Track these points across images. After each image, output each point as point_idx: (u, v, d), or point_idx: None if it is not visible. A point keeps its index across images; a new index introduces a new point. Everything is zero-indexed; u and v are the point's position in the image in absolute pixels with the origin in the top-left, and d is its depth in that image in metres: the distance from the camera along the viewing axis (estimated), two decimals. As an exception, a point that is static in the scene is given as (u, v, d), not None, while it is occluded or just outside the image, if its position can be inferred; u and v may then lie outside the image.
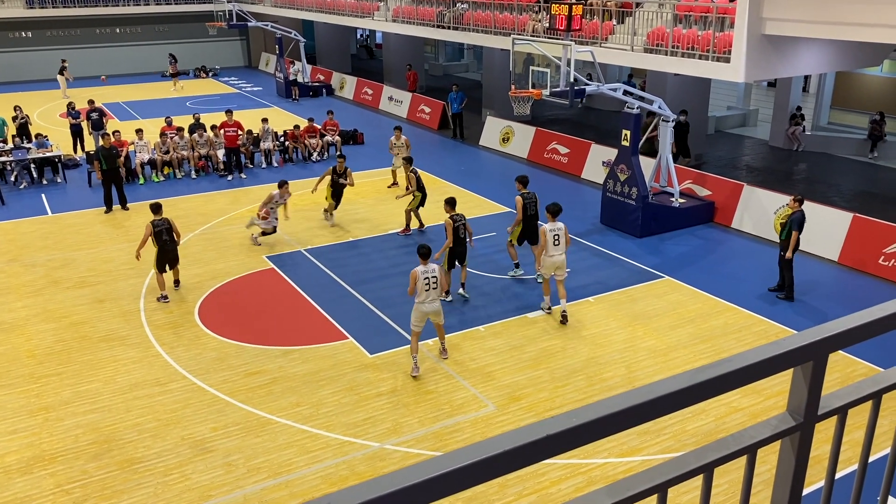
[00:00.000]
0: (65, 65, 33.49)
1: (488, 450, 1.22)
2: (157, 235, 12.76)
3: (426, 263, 10.25)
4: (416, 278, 10.17)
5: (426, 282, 10.18)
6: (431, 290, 10.25)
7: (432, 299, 10.31)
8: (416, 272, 10.20)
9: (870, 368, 10.33)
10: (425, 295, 10.24)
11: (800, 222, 12.43)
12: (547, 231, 11.85)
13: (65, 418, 9.59)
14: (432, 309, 10.36)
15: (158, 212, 13.06)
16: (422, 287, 10.18)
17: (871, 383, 1.75)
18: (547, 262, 11.96)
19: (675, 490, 1.50)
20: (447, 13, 25.37)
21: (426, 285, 10.19)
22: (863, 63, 17.64)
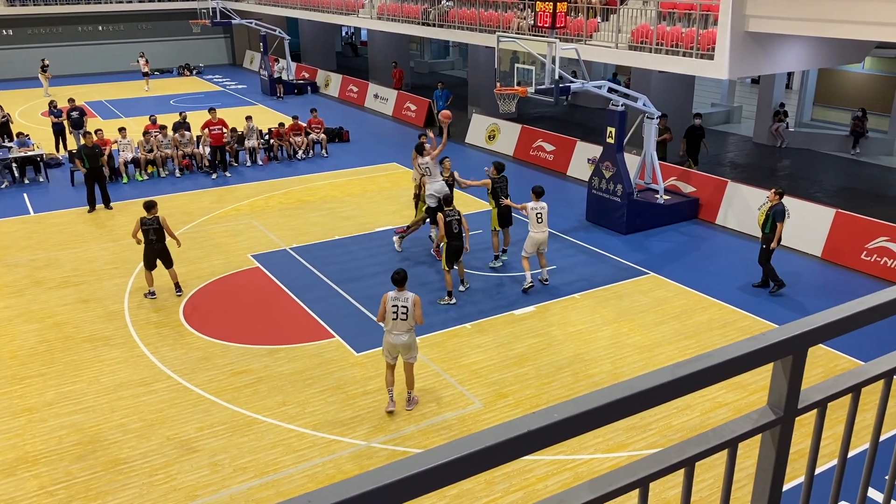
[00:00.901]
0: (45, 64, 33.18)
1: (470, 446, 1.22)
2: (145, 234, 12.67)
3: (401, 290, 9.25)
4: (385, 303, 9.22)
5: (394, 310, 9.15)
6: (399, 321, 9.15)
7: (399, 332, 9.20)
8: (386, 297, 9.25)
9: (852, 362, 10.43)
10: (392, 324, 9.18)
11: (782, 214, 12.62)
12: (529, 208, 12.70)
13: (48, 419, 9.52)
14: (399, 342, 9.24)
15: (150, 210, 12.75)
16: (389, 315, 9.19)
17: (850, 377, 1.77)
18: (531, 240, 12.76)
19: (660, 484, 1.51)
20: (432, 11, 25.35)
21: (394, 314, 9.16)
22: (845, 60, 17.80)
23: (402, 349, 9.30)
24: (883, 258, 13.64)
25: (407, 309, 9.15)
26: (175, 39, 41.68)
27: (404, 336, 9.21)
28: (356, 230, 16.32)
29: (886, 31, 12.70)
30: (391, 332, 9.20)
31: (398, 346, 9.26)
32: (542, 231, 12.75)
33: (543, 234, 12.79)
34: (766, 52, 15.52)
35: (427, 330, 11.73)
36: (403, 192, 19.09)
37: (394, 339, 9.22)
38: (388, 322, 9.18)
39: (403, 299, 9.18)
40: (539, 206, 12.73)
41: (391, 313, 9.16)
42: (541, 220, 12.71)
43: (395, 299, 9.18)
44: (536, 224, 12.69)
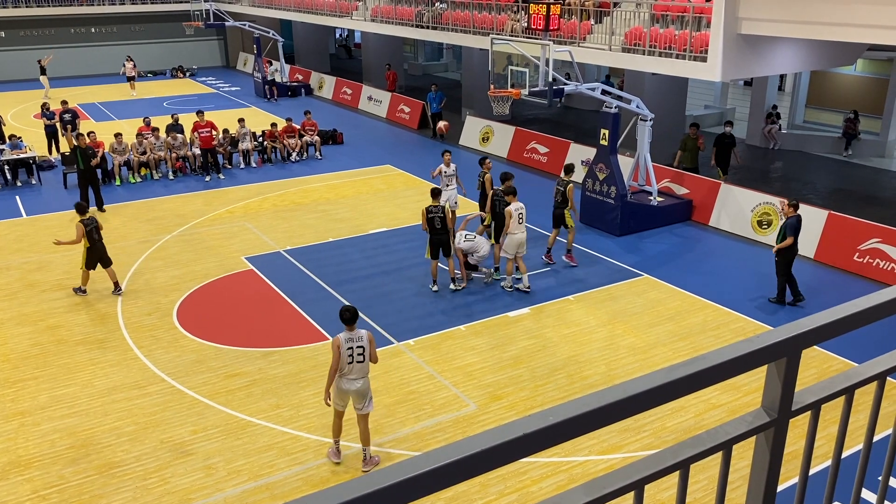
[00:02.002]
0: (43, 65, 32.97)
1: (465, 449, 1.22)
2: (89, 234, 12.82)
3: (352, 329, 8.21)
4: (339, 349, 8.11)
5: (350, 353, 8.12)
6: (357, 364, 8.16)
7: (356, 377, 8.19)
8: (338, 341, 8.12)
9: (846, 364, 10.46)
10: (348, 369, 8.14)
11: (794, 227, 12.15)
12: (513, 211, 12.57)
13: (41, 423, 9.47)
14: (353, 389, 8.20)
15: (85, 211, 13.08)
16: (344, 360, 8.12)
17: (843, 378, 1.78)
18: (512, 241, 12.69)
19: (654, 487, 1.51)
20: (426, 13, 25.37)
21: (350, 357, 8.13)
22: (837, 62, 17.87)
23: (356, 397, 8.26)
24: (875, 259, 13.69)
25: (363, 349, 8.18)
26: (168, 41, 41.61)
27: (359, 382, 8.22)
28: (350, 232, 16.30)
29: (878, 34, 12.76)
30: (346, 378, 8.18)
31: (350, 393, 8.24)
32: (522, 232, 12.75)
33: (524, 235, 12.81)
34: (758, 55, 15.58)
35: (421, 332, 11.73)
36: (397, 194, 19.10)
37: (347, 384, 8.19)
38: (344, 367, 8.15)
39: (358, 339, 8.16)
40: (520, 207, 12.71)
41: (347, 357, 8.13)
42: (522, 220, 12.71)
43: (349, 341, 8.12)
44: (518, 224, 12.64)
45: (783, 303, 12.55)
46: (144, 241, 15.82)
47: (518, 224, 12.64)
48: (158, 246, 15.57)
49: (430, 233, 12.78)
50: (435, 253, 12.90)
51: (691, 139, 17.98)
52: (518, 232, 12.68)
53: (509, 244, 12.77)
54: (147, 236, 16.13)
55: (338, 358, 8.09)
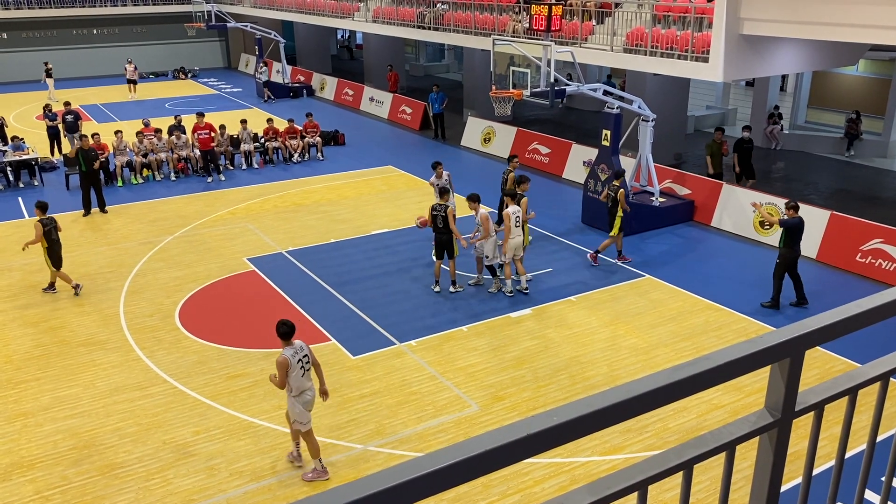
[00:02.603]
0: (49, 67, 32.94)
1: (470, 450, 1.22)
2: (47, 234, 12.89)
3: (291, 343, 8.08)
4: (288, 367, 7.92)
5: (300, 366, 8.02)
6: (307, 374, 8.14)
7: (310, 385, 8.19)
8: (286, 360, 7.89)
9: (848, 365, 10.45)
10: (302, 382, 8.06)
11: (790, 226, 12.03)
12: (511, 214, 12.56)
13: (44, 424, 9.48)
14: (312, 396, 8.22)
15: (45, 210, 13.12)
16: (298, 374, 8.00)
17: (846, 379, 1.78)
18: (510, 244, 12.66)
19: (658, 486, 1.51)
20: (427, 14, 25.37)
21: (301, 370, 8.05)
22: (839, 62, 17.86)
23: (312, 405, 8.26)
24: (878, 260, 13.68)
25: (308, 357, 8.14)
26: (170, 43, 41.67)
27: (313, 388, 8.27)
28: (352, 233, 16.31)
29: (880, 34, 12.75)
30: (305, 392, 8.11)
31: (310, 403, 8.22)
32: (519, 235, 12.72)
33: (521, 238, 12.80)
34: (760, 55, 15.58)
35: (423, 333, 11.73)
36: (399, 195, 19.10)
37: (309, 396, 8.16)
38: (298, 381, 8.02)
39: (301, 350, 8.10)
40: (517, 210, 12.70)
41: (299, 371, 8.00)
42: (518, 223, 12.68)
43: (295, 355, 7.99)
44: (514, 228, 12.59)
45: (777, 307, 12.40)
46: (146, 243, 15.83)
47: (515, 227, 12.62)
48: (160, 247, 15.59)
49: (434, 231, 12.90)
50: (438, 253, 12.95)
51: (716, 143, 17.64)
52: (516, 235, 12.66)
53: (508, 248, 12.76)
54: (149, 237, 16.15)
55: (283, 377, 7.93)
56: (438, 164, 15.07)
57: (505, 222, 12.66)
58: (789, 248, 12.17)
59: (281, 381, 7.95)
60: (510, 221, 12.55)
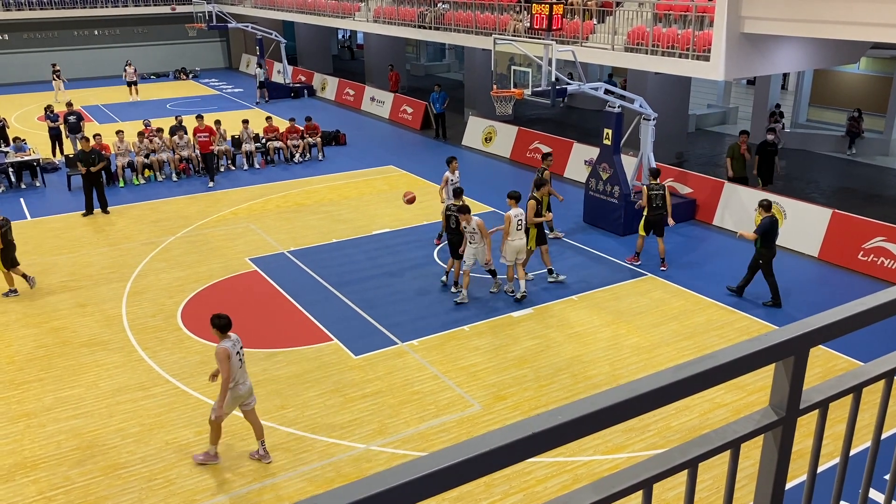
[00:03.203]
0: (57, 69, 32.87)
1: (474, 449, 1.22)
2: (3, 236, 12.88)
3: (228, 336, 8.22)
4: (230, 359, 8.03)
5: (239, 357, 8.19)
6: (243, 366, 8.32)
7: (246, 378, 8.39)
8: (226, 351, 8.01)
9: (851, 363, 10.44)
10: (240, 373, 8.23)
11: (764, 229, 12.18)
12: (512, 217, 12.42)
13: (47, 424, 9.49)
14: (247, 388, 8.40)
15: None
16: (236, 366, 8.13)
17: (851, 377, 1.77)
18: (511, 247, 12.50)
19: (661, 486, 1.51)
20: (428, 13, 25.37)
21: (240, 362, 8.20)
22: (840, 60, 17.84)
23: (247, 395, 8.40)
24: (880, 258, 13.66)
25: (242, 350, 8.35)
26: (171, 43, 41.69)
27: (248, 380, 8.45)
28: (354, 233, 16.31)
29: (881, 32, 12.73)
30: (240, 383, 8.27)
31: (243, 395, 8.36)
32: (521, 238, 12.56)
33: (523, 241, 12.61)
34: (761, 54, 15.56)
35: (425, 333, 11.74)
36: (400, 195, 19.07)
37: (242, 388, 8.30)
38: (236, 373, 8.17)
39: (238, 342, 8.28)
40: (519, 213, 12.53)
41: (238, 363, 8.17)
42: (520, 226, 12.53)
43: (233, 347, 8.15)
44: (516, 231, 12.47)
45: (779, 304, 12.47)
46: (149, 243, 15.85)
47: (517, 230, 12.49)
48: (163, 247, 15.60)
49: (446, 233, 12.98)
50: (453, 252, 12.99)
51: (737, 147, 17.24)
52: (517, 238, 12.52)
53: (508, 251, 12.59)
54: (151, 238, 16.16)
55: (228, 368, 8.02)
56: (454, 158, 15.21)
57: (505, 225, 12.52)
58: (767, 248, 12.33)
59: (226, 373, 8.03)
60: (511, 224, 12.42)
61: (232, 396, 8.22)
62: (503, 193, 17.10)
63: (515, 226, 12.46)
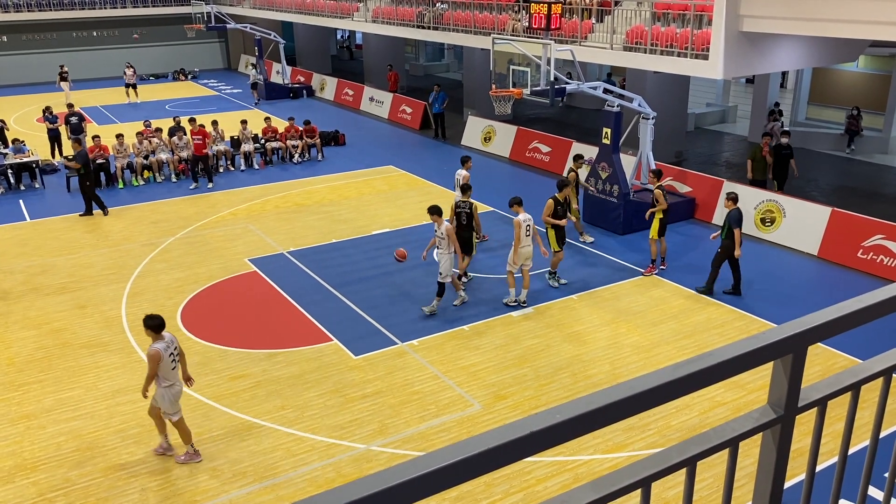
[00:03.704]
0: (64, 71, 32.78)
1: (473, 448, 1.22)
2: None
3: (162, 336, 8.26)
4: (162, 359, 8.13)
5: (171, 358, 8.27)
6: (177, 367, 8.40)
7: (178, 379, 8.46)
8: (157, 351, 8.08)
9: (850, 361, 10.44)
10: (173, 374, 8.31)
11: (737, 219, 12.51)
12: (521, 223, 12.15)
13: (47, 426, 9.49)
14: (179, 388, 8.50)
15: None
16: (169, 366, 8.22)
17: (849, 375, 1.78)
18: (520, 254, 12.26)
19: (660, 484, 1.51)
20: (427, 13, 25.37)
21: (173, 363, 8.29)
22: (839, 59, 17.84)
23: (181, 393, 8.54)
24: (879, 256, 13.67)
25: (179, 351, 8.43)
26: (170, 44, 41.67)
27: (180, 383, 8.52)
28: (353, 233, 16.31)
29: (880, 30, 12.74)
30: (175, 384, 8.37)
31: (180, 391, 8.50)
32: (528, 245, 12.22)
33: (531, 248, 12.29)
34: (760, 52, 15.56)
35: (425, 332, 11.74)
36: (400, 195, 19.10)
37: (178, 387, 8.43)
38: (169, 373, 8.24)
39: (172, 342, 8.33)
40: (527, 219, 12.18)
41: (171, 364, 8.25)
42: (528, 232, 12.19)
43: (167, 349, 8.20)
44: (525, 237, 12.13)
45: (711, 293, 12.86)
46: (148, 244, 15.84)
47: (525, 236, 12.14)
48: (162, 248, 15.60)
49: (458, 229, 12.87)
50: (462, 248, 12.78)
51: (759, 149, 17.11)
52: (526, 245, 12.17)
53: (514, 257, 12.27)
54: (151, 239, 16.16)
55: (155, 369, 8.13)
56: (468, 157, 15.38)
57: (515, 231, 12.18)
58: (732, 240, 12.52)
59: (152, 372, 8.15)
60: (520, 230, 12.07)
61: (171, 395, 8.36)
62: (502, 193, 17.15)
63: (524, 232, 12.12)
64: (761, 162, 17.10)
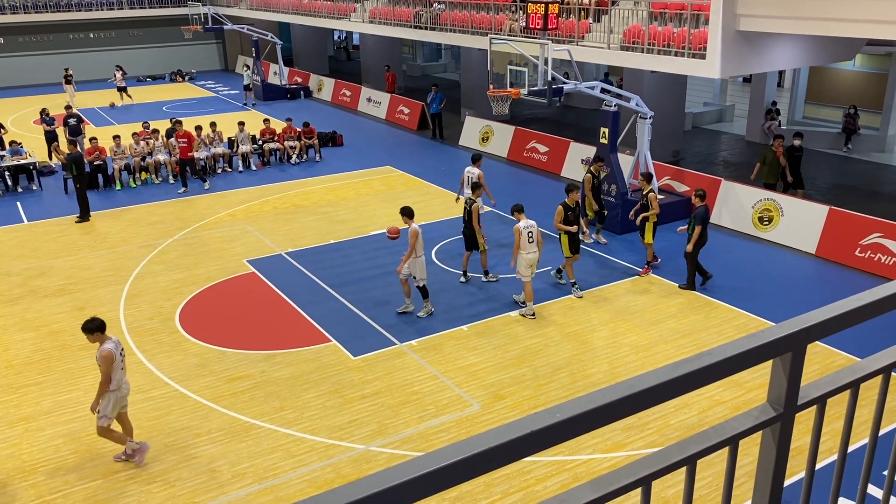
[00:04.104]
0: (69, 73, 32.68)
1: (472, 448, 1.22)
2: None
3: (109, 337, 8.33)
4: (114, 361, 8.18)
5: (121, 360, 8.37)
6: (124, 368, 8.48)
7: (126, 380, 8.56)
8: (110, 352, 8.13)
9: (848, 359, 10.46)
10: (120, 376, 8.35)
11: (703, 217, 12.70)
12: (522, 230, 11.79)
13: (45, 428, 9.48)
14: (128, 390, 8.58)
15: None
16: (118, 368, 8.28)
17: (849, 373, 1.78)
18: (523, 261, 11.88)
19: (661, 483, 1.51)
20: (424, 13, 25.37)
21: (122, 364, 8.39)
22: (836, 58, 17.86)
23: (127, 395, 8.57)
24: (877, 254, 13.69)
25: (122, 351, 8.45)
26: (167, 46, 41.64)
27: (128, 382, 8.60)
28: (351, 234, 16.30)
29: (876, 29, 12.76)
30: (123, 385, 8.40)
31: (126, 394, 8.54)
32: (533, 251, 11.87)
33: (535, 255, 11.91)
34: (757, 51, 15.58)
35: (423, 333, 11.74)
36: (398, 195, 19.09)
37: (125, 389, 8.49)
38: (118, 373, 8.27)
39: (118, 344, 8.35)
40: (530, 225, 11.87)
41: (120, 364, 8.30)
42: (532, 239, 11.85)
43: (117, 348, 8.25)
44: (528, 244, 11.82)
45: (694, 288, 13.06)
46: (146, 245, 15.83)
47: (529, 243, 11.81)
48: (160, 250, 15.58)
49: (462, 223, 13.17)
50: (467, 245, 13.33)
51: (771, 151, 16.67)
52: (529, 252, 11.83)
53: (521, 265, 11.92)
54: (148, 240, 16.14)
55: (110, 370, 8.09)
56: (480, 156, 15.78)
57: (515, 238, 11.84)
58: (700, 235, 12.76)
59: (106, 376, 8.11)
60: (522, 237, 11.74)
61: (116, 397, 8.31)
62: (500, 193, 17.15)
63: (526, 238, 11.77)
64: (774, 165, 16.58)
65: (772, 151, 16.74)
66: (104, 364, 8.09)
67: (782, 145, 16.82)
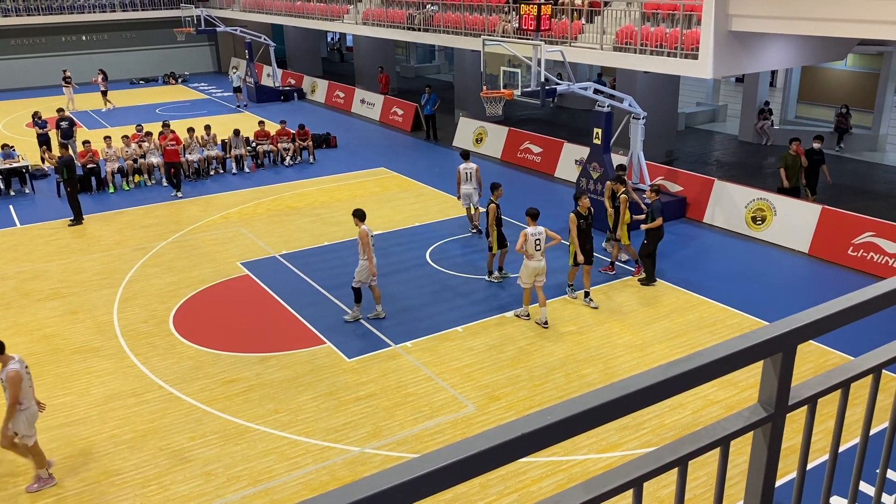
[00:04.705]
0: (67, 75, 32.53)
1: (465, 450, 1.23)
2: None
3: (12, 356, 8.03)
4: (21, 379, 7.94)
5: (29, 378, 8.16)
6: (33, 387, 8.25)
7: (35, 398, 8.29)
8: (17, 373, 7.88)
9: (841, 358, 10.50)
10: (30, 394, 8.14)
11: (661, 210, 13.03)
12: (529, 235, 11.53)
13: (39, 432, 9.37)
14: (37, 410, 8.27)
15: None
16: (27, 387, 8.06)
17: (839, 372, 1.79)
18: (527, 269, 11.67)
19: (655, 483, 1.52)
20: (417, 15, 25.37)
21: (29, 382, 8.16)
22: (827, 57, 17.94)
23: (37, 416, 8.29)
24: (869, 253, 13.74)
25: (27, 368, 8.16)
26: (160, 48, 41.53)
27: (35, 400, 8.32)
28: (345, 235, 16.28)
29: (868, 29, 12.82)
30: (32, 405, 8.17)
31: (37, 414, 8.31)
32: (539, 259, 11.59)
33: (541, 263, 11.61)
34: (749, 51, 15.63)
35: (418, 334, 11.74)
36: (392, 196, 19.09)
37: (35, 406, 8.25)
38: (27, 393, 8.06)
39: (22, 361, 8.05)
40: (537, 232, 11.52)
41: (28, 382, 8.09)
42: (539, 246, 11.53)
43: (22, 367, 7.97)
44: (534, 251, 11.54)
45: (654, 281, 13.31)
46: (139, 248, 15.79)
47: (535, 251, 11.53)
48: (154, 253, 15.55)
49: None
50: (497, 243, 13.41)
51: (791, 155, 16.06)
52: (534, 260, 11.56)
53: (525, 273, 11.66)
54: (142, 243, 16.10)
55: (19, 390, 7.86)
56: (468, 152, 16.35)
57: (520, 240, 11.51)
58: (656, 230, 13.07)
59: (14, 398, 7.83)
60: (528, 243, 11.43)
61: (28, 416, 8.07)
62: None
63: (533, 245, 11.47)
64: (796, 167, 15.99)
65: (790, 155, 16.11)
66: (11, 386, 7.77)
67: (800, 145, 16.20)
